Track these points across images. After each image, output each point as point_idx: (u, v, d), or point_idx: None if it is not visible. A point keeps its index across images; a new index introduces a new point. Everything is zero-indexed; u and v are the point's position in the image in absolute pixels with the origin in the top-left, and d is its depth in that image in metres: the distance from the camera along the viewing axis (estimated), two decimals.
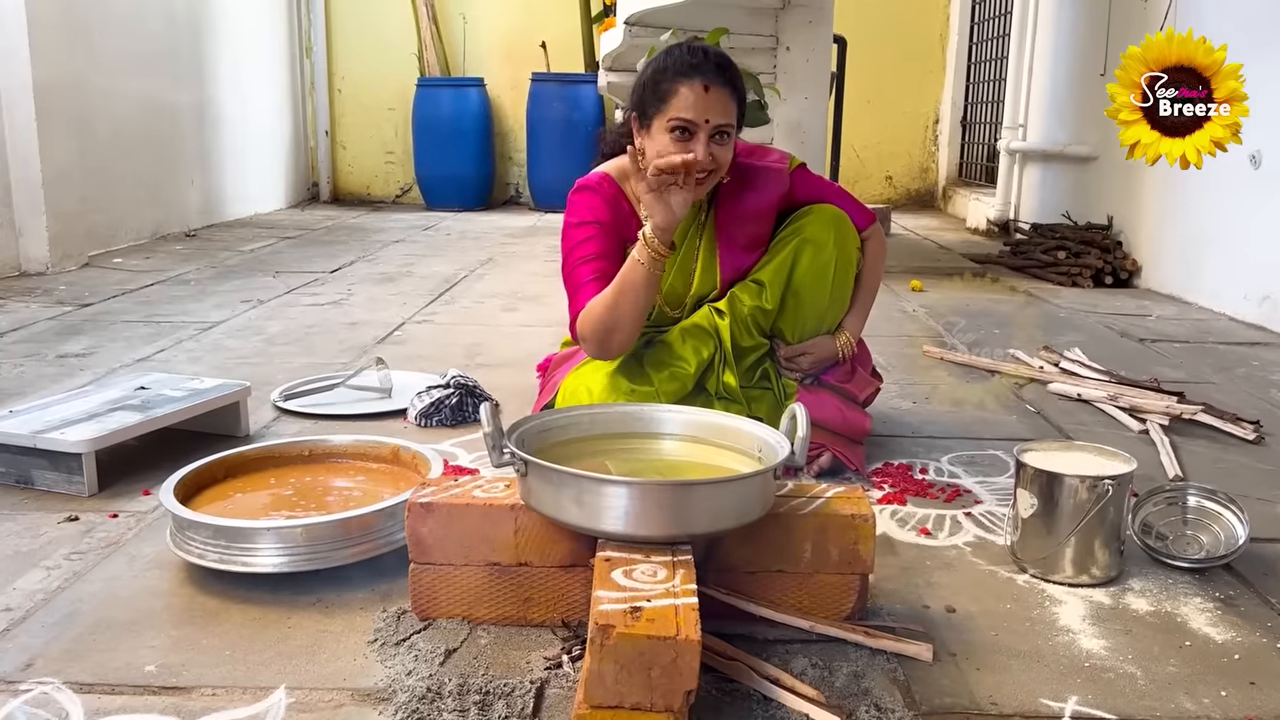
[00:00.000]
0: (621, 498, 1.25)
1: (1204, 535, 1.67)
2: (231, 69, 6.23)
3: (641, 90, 1.84)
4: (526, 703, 1.21)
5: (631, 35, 4.38)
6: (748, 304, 1.98)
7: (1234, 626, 1.45)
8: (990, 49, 6.77)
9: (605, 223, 1.93)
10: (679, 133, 1.78)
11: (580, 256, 1.92)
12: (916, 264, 4.78)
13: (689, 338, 1.98)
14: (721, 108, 1.79)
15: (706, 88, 1.77)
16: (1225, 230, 3.76)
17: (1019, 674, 1.31)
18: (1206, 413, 2.37)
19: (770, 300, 1.98)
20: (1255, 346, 3.23)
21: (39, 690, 1.24)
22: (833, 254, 1.97)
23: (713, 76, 1.78)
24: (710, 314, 2.00)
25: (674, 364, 1.96)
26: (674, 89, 1.78)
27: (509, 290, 4.05)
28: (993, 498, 1.91)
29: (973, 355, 2.98)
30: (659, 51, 1.88)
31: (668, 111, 1.79)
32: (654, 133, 1.82)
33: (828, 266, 1.97)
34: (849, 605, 1.39)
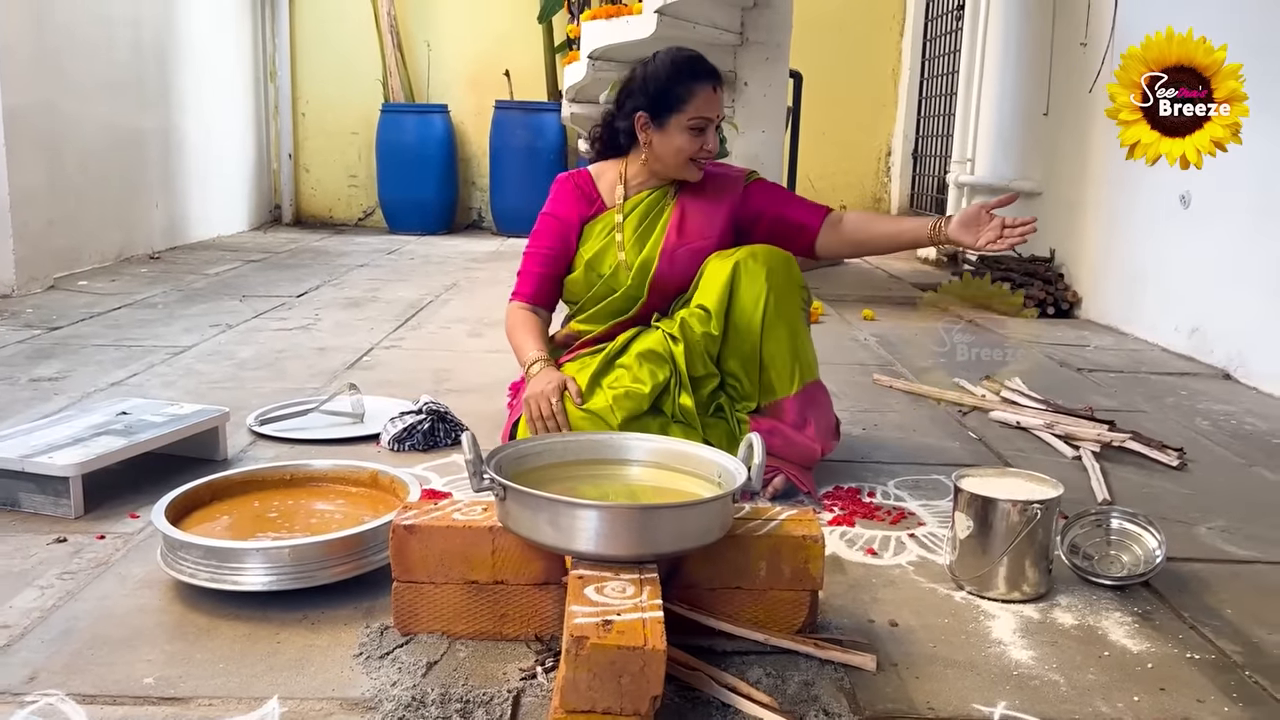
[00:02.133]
0: (593, 520, 1.36)
1: (1125, 555, 1.82)
2: (196, 94, 6.28)
3: (655, 93, 2.12)
4: (504, 710, 1.32)
5: (595, 69, 4.53)
6: (698, 330, 2.11)
7: (1149, 638, 1.59)
8: (940, 85, 7.01)
9: (560, 218, 2.27)
10: (696, 130, 2.11)
11: (533, 247, 2.31)
12: (868, 293, 4.95)
13: (646, 361, 2.11)
14: (720, 104, 2.15)
15: (715, 89, 2.12)
16: (1159, 265, 3.97)
17: (954, 682, 1.44)
18: (1135, 440, 2.53)
19: (715, 327, 2.11)
20: (1184, 376, 3.42)
21: (44, 701, 1.32)
22: (764, 284, 2.07)
23: (717, 79, 2.14)
24: (665, 340, 2.13)
25: (630, 385, 2.09)
26: (691, 92, 2.09)
27: (474, 316, 4.15)
28: (935, 520, 2.05)
29: (920, 384, 3.13)
30: (659, 55, 2.16)
31: (688, 112, 2.10)
32: (670, 130, 2.13)
33: (760, 295, 2.07)
34: (800, 619, 1.51)
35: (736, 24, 4.47)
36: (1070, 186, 4.70)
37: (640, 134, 2.18)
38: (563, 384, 2.07)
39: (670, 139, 2.14)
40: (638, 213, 2.23)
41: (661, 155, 2.17)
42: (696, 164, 2.19)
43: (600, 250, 2.24)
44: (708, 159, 2.18)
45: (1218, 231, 3.58)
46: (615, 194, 2.25)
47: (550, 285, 2.31)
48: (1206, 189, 3.62)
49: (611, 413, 2.04)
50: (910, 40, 7.48)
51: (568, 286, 2.32)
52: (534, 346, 2.20)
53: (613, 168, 2.29)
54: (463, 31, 7.48)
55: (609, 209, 2.25)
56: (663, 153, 2.17)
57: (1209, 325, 3.60)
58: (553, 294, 2.33)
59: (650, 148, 2.18)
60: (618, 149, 2.29)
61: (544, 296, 2.32)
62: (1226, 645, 1.58)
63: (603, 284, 2.25)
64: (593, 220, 2.26)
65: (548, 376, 2.10)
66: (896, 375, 3.26)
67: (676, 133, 2.13)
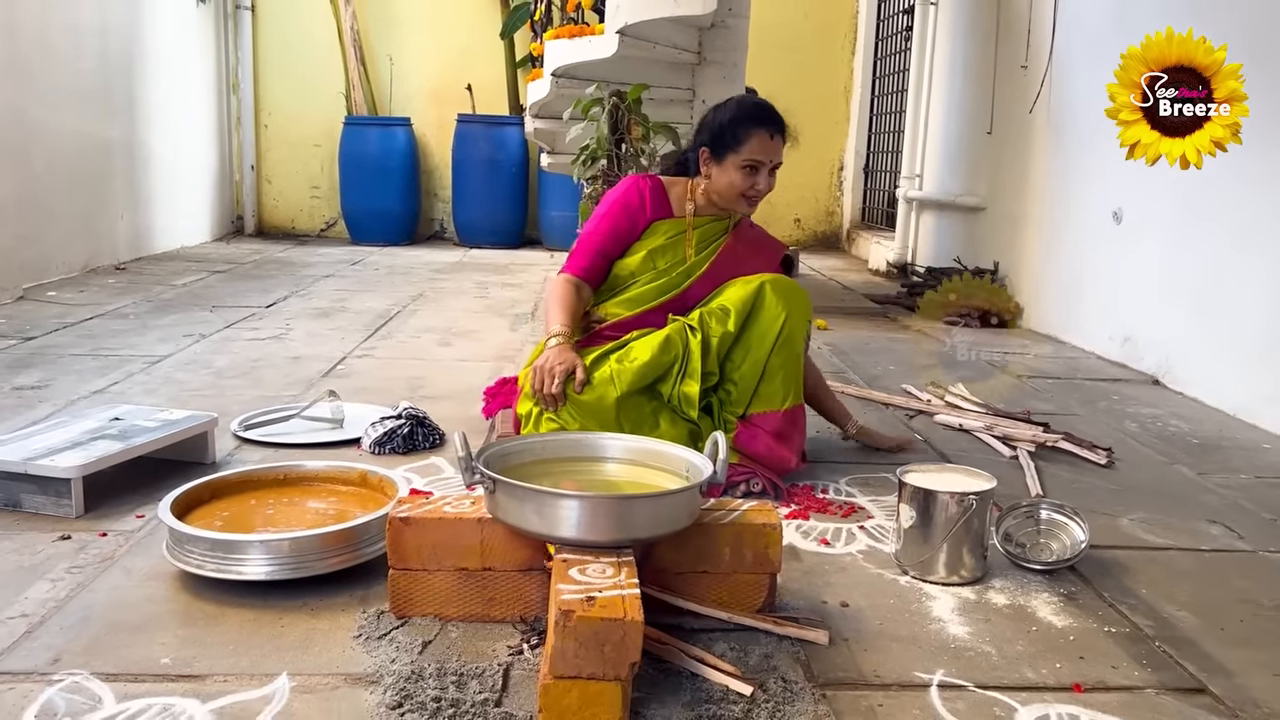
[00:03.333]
0: (575, 509, 1.51)
1: (1054, 543, 2.00)
2: (161, 105, 6.34)
3: (718, 131, 2.38)
4: (496, 680, 1.46)
5: (558, 86, 4.68)
6: (716, 328, 2.30)
7: (1072, 615, 1.77)
8: (890, 103, 7.26)
9: (634, 206, 2.46)
10: (749, 169, 2.35)
11: (598, 228, 2.47)
12: (821, 303, 5.14)
13: (656, 343, 2.28)
14: (779, 150, 2.39)
15: (772, 135, 2.36)
16: (1094, 277, 4.19)
17: (898, 654, 1.61)
18: (1067, 440, 2.73)
19: (733, 325, 2.30)
20: (1116, 383, 3.64)
21: (70, 680, 1.44)
22: (786, 306, 2.31)
23: (776, 127, 2.37)
24: (683, 329, 2.31)
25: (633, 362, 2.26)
26: (749, 135, 2.34)
27: (443, 326, 4.27)
28: (882, 513, 2.22)
29: (870, 389, 3.32)
30: (731, 100, 2.44)
31: (743, 153, 2.35)
32: (726, 166, 2.37)
33: (781, 314, 2.30)
34: (761, 600, 1.67)
35: (695, 44, 4.65)
36: (1012, 202, 4.94)
37: (702, 166, 2.42)
38: (571, 367, 2.22)
39: (726, 173, 2.38)
40: (702, 230, 2.47)
41: (717, 187, 2.41)
42: (747, 199, 2.41)
43: (664, 247, 2.45)
44: (758, 196, 2.40)
45: (1148, 245, 3.81)
46: (685, 207, 2.48)
47: (604, 263, 2.47)
48: (1137, 204, 3.86)
49: (612, 384, 2.21)
50: (861, 59, 7.72)
51: (618, 268, 2.48)
52: (560, 320, 2.33)
53: (681, 184, 2.51)
54: (425, 46, 7.60)
55: (678, 216, 2.47)
56: (718, 184, 2.40)
57: (1140, 334, 3.83)
58: (603, 271, 2.48)
59: (710, 179, 2.42)
60: (686, 173, 2.53)
61: (595, 273, 2.47)
62: (1140, 620, 1.76)
63: (652, 273, 2.44)
64: (662, 220, 2.46)
65: (561, 354, 2.24)
66: (848, 382, 3.44)
67: (732, 169, 2.37)
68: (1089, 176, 4.18)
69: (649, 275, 2.45)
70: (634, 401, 2.23)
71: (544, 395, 2.21)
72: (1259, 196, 3.18)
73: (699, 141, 2.45)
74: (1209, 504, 2.39)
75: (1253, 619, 1.80)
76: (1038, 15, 4.65)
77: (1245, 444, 2.91)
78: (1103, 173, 4.04)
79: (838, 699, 1.47)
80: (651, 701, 1.43)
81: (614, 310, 2.44)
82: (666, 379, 2.27)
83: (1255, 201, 3.20)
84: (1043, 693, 1.51)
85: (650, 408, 2.26)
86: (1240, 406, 3.20)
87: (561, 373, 2.20)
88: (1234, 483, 2.55)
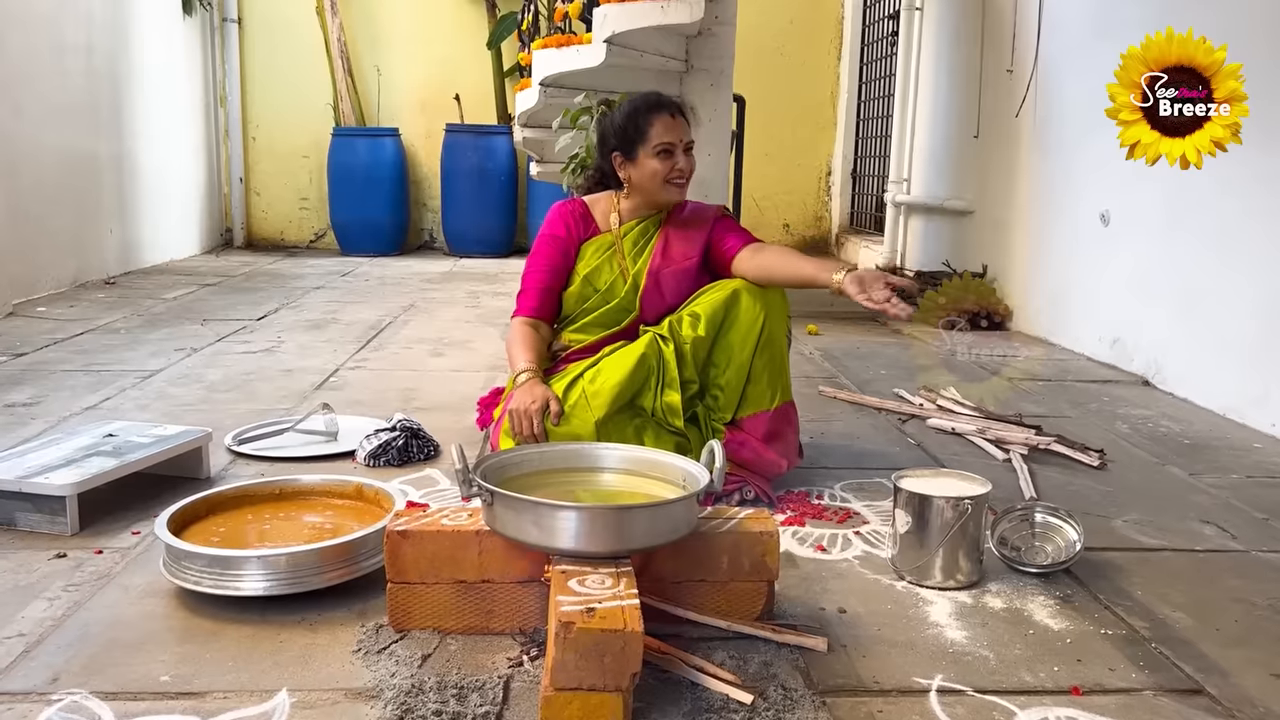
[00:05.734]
0: (573, 520, 1.51)
1: (1049, 546, 2.01)
2: (148, 119, 6.33)
3: (620, 132, 2.37)
4: (497, 693, 1.46)
5: (547, 95, 4.68)
6: (687, 334, 2.29)
7: (1069, 618, 1.78)
8: (877, 108, 7.28)
9: (561, 236, 2.45)
10: (663, 154, 2.32)
11: (535, 265, 2.47)
12: (812, 309, 5.14)
13: (628, 359, 2.26)
14: (685, 129, 2.38)
15: (673, 115, 2.36)
16: (1082, 279, 4.22)
17: (897, 659, 1.61)
18: (1059, 443, 2.75)
19: (704, 330, 2.28)
20: (1106, 384, 3.66)
21: (70, 699, 1.44)
22: (763, 307, 2.28)
23: (674, 108, 2.38)
24: (654, 341, 2.30)
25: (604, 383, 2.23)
26: (651, 122, 2.34)
27: (434, 336, 4.27)
28: (878, 518, 2.23)
29: (863, 394, 3.33)
30: (622, 103, 2.41)
31: (651, 140, 2.33)
32: (641, 161, 2.36)
33: (759, 315, 2.28)
34: (759, 608, 1.68)
35: (682, 52, 4.66)
36: (1000, 206, 4.96)
37: (620, 171, 2.42)
38: (545, 402, 2.20)
39: (643, 167, 2.37)
40: (631, 237, 2.45)
41: (640, 184, 2.40)
42: (674, 184, 2.38)
43: (597, 267, 2.43)
44: (681, 178, 2.38)
45: (1135, 248, 3.83)
46: (610, 220, 2.47)
47: (552, 298, 2.46)
48: (1124, 207, 3.88)
49: (587, 407, 2.19)
50: (848, 65, 7.75)
51: (565, 298, 2.48)
52: (525, 358, 2.33)
53: (605, 198, 2.51)
54: (412, 56, 7.60)
55: (604, 232, 2.46)
56: (640, 181, 2.39)
57: (1129, 336, 3.85)
58: (554, 306, 2.48)
59: (630, 181, 2.41)
60: (607, 186, 2.52)
61: (546, 309, 2.46)
62: (1136, 622, 1.77)
63: (598, 297, 2.43)
64: (589, 240, 2.46)
65: (530, 391, 2.22)
66: (841, 387, 3.45)
67: (647, 161, 2.36)
68: (1076, 179, 4.21)
69: (595, 299, 2.43)
70: (616, 422, 2.20)
71: (525, 439, 2.19)
72: (1244, 198, 3.20)
73: (607, 150, 2.43)
74: (1201, 504, 2.40)
75: (1247, 619, 1.81)
76: (1022, 20, 4.68)
77: (1236, 444, 2.93)
78: (1090, 176, 4.07)
79: (837, 706, 1.47)
80: (652, 711, 1.43)
81: (578, 337, 2.44)
82: (645, 392, 2.27)
83: (1241, 203, 3.22)
84: (1041, 696, 1.52)
85: (634, 425, 2.24)
86: (1230, 406, 3.22)
87: (536, 411, 2.18)
88: (1225, 483, 2.57)
